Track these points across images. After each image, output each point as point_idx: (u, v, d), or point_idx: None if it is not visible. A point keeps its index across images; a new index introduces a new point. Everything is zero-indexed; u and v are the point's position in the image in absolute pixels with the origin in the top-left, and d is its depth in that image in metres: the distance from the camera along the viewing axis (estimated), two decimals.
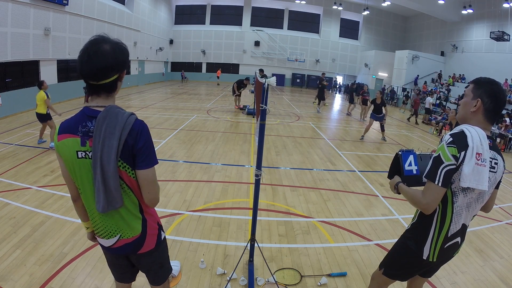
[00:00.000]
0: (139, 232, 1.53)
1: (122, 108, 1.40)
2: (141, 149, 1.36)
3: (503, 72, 16.01)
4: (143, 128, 1.38)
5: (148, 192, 1.44)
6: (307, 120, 12.15)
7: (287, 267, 3.09)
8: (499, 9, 17.29)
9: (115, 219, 1.48)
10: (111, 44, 1.35)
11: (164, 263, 1.74)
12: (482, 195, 1.65)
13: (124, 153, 1.35)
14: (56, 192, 4.41)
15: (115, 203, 1.40)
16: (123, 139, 1.32)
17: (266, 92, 2.33)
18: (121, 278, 1.78)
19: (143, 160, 1.38)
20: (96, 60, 1.30)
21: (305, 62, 28.92)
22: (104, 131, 1.31)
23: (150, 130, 1.44)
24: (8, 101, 9.60)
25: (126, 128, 1.33)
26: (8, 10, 9.79)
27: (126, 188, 1.44)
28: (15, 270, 2.76)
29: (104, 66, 1.31)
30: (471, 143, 1.52)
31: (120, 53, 1.37)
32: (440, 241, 1.67)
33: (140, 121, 1.40)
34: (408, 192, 1.72)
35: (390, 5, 24.32)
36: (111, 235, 1.52)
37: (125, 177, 1.41)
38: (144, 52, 22.33)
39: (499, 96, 1.59)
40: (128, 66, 1.40)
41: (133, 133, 1.35)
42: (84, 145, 1.36)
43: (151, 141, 1.42)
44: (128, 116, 1.36)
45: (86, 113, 1.37)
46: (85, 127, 1.36)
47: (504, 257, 3.59)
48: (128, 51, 1.44)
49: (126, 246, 1.53)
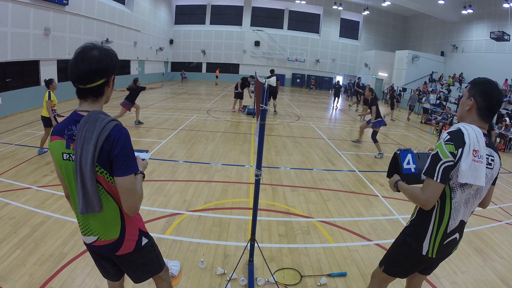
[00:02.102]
0: (116, 237, 1.55)
1: (107, 114, 1.42)
2: (117, 156, 1.36)
3: (503, 72, 16.01)
4: (121, 135, 1.38)
5: (125, 200, 1.42)
6: (307, 120, 12.15)
7: (287, 267, 3.09)
8: (499, 9, 17.29)
9: (93, 221, 1.52)
10: (100, 50, 1.40)
11: (147, 263, 1.74)
12: (480, 191, 1.69)
13: (101, 159, 1.36)
14: (56, 192, 4.41)
15: (94, 207, 1.42)
16: (100, 145, 1.34)
17: (266, 92, 2.33)
18: (106, 276, 1.82)
19: (119, 168, 1.38)
20: (82, 64, 1.35)
21: (305, 62, 28.93)
22: (84, 136, 1.34)
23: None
24: (8, 101, 9.60)
25: (103, 134, 1.34)
26: (8, 10, 9.79)
27: (105, 193, 1.45)
28: (15, 270, 2.76)
29: (89, 70, 1.36)
30: (468, 141, 1.57)
31: (107, 58, 1.40)
32: (439, 237, 1.71)
33: (119, 128, 1.39)
34: (407, 190, 1.77)
35: (390, 5, 24.33)
36: (90, 234, 1.56)
37: (104, 182, 1.42)
38: (144, 52, 22.32)
39: (491, 95, 1.63)
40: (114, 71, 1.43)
41: (110, 140, 1.35)
42: (69, 147, 1.42)
43: (129, 148, 1.41)
44: (107, 122, 1.37)
45: (73, 117, 1.43)
46: (70, 131, 1.41)
47: (504, 257, 3.59)
48: (117, 58, 1.48)
49: (103, 247, 1.58)
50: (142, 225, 1.70)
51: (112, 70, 1.44)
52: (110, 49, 1.46)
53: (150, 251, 1.73)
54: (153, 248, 1.75)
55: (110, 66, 1.42)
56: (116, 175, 1.39)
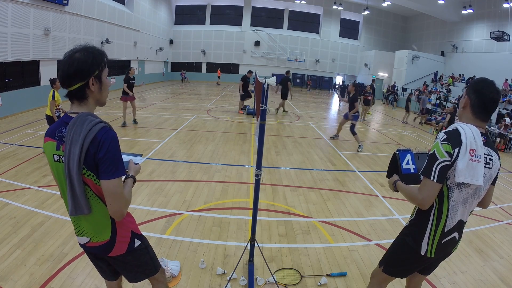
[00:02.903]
0: (107, 239, 1.55)
1: (96, 116, 1.41)
2: (102, 159, 1.35)
3: (503, 72, 16.02)
4: (107, 138, 1.36)
5: (110, 204, 1.40)
6: (307, 120, 12.15)
7: (287, 267, 3.09)
8: (499, 9, 17.29)
9: (84, 223, 1.53)
10: (81, 52, 1.40)
11: (141, 265, 1.74)
12: (479, 191, 1.69)
13: (87, 161, 1.36)
14: (56, 192, 4.41)
15: (82, 209, 1.42)
16: (86, 147, 1.34)
17: (266, 92, 2.33)
18: (103, 275, 1.83)
19: (103, 171, 1.36)
20: (63, 68, 1.39)
21: (305, 62, 28.93)
22: (71, 138, 1.35)
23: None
24: (8, 101, 9.61)
25: (89, 136, 1.34)
26: (8, 10, 9.79)
27: (94, 196, 1.45)
28: (15, 270, 2.76)
29: (66, 74, 1.39)
30: (465, 140, 1.58)
31: (81, 61, 1.38)
32: (437, 236, 1.71)
33: (105, 130, 1.38)
34: (405, 189, 1.79)
35: (390, 5, 24.33)
36: (82, 235, 1.57)
37: (91, 184, 1.42)
38: (144, 52, 22.33)
39: (484, 91, 1.64)
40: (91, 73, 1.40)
41: (96, 142, 1.35)
42: (59, 149, 1.43)
43: (116, 151, 1.39)
44: (94, 124, 1.36)
45: (63, 119, 1.45)
46: (60, 132, 1.43)
47: (504, 257, 3.59)
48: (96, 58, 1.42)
49: (96, 248, 1.58)
50: (135, 227, 1.69)
51: (87, 72, 1.39)
52: (94, 50, 1.43)
53: (144, 253, 1.72)
54: (147, 251, 1.74)
55: (84, 69, 1.38)
56: (101, 178, 1.37)
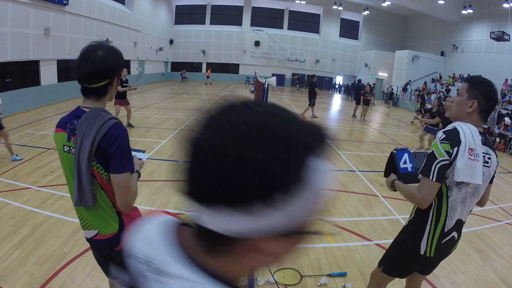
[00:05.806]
0: (115, 231, 1.57)
1: (108, 112, 1.45)
2: (113, 154, 1.40)
3: (503, 72, 16.02)
4: (119, 134, 1.41)
5: (120, 197, 1.46)
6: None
7: (287, 267, 3.09)
8: (499, 9, 17.29)
9: (92, 214, 1.55)
10: (104, 50, 1.41)
11: None
12: (477, 190, 1.69)
13: (98, 155, 1.40)
14: (56, 192, 4.41)
15: (87, 200, 1.46)
16: (97, 142, 1.37)
17: (266, 92, 2.33)
18: (107, 274, 1.82)
19: (115, 165, 1.41)
20: (86, 65, 1.38)
21: (305, 62, 28.90)
22: (83, 131, 1.38)
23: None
24: (8, 101, 9.56)
25: (101, 131, 1.37)
26: (8, 10, 9.78)
27: (99, 188, 1.48)
28: (15, 270, 2.76)
29: (93, 71, 1.39)
30: (464, 139, 1.58)
31: (110, 60, 1.42)
32: (437, 236, 1.71)
33: (117, 126, 1.42)
34: (404, 189, 1.79)
35: (390, 5, 24.33)
36: (90, 228, 1.58)
37: (98, 177, 1.46)
38: (144, 52, 22.31)
39: (494, 98, 1.66)
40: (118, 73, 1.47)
41: (107, 137, 1.38)
42: (69, 141, 1.47)
43: (126, 147, 1.44)
44: (106, 120, 1.40)
45: (76, 112, 1.48)
46: (72, 125, 1.47)
47: (504, 257, 3.59)
48: (122, 58, 1.49)
49: (103, 241, 1.59)
50: None
51: (115, 71, 1.46)
52: (115, 49, 1.48)
53: None
54: None
55: (114, 68, 1.44)
56: (112, 172, 1.42)
